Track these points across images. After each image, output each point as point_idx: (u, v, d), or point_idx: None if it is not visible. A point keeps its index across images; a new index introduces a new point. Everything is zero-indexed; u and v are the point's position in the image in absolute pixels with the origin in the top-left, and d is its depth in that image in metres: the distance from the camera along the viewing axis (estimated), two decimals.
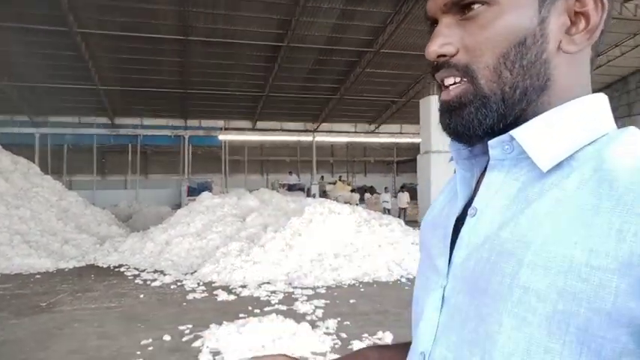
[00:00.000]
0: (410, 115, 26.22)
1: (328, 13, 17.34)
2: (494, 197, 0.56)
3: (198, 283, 7.67)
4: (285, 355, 0.74)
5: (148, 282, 7.89)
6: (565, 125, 0.53)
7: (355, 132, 28.40)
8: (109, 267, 9.28)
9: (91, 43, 17.76)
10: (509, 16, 0.53)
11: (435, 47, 0.56)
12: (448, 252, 0.59)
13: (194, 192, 22.09)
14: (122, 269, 8.99)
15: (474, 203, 0.58)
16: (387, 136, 28.22)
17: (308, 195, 20.66)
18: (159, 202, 21.84)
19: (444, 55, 0.56)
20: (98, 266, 9.38)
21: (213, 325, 5.33)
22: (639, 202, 0.43)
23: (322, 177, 26.10)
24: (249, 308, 6.18)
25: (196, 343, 4.83)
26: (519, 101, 0.55)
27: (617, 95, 23.33)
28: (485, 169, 0.63)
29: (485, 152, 0.64)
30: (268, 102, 23.83)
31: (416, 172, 17.85)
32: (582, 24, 0.55)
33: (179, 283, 7.74)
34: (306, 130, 27.43)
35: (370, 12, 17.38)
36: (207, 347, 4.69)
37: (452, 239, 0.60)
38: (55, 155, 22.86)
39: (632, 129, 0.52)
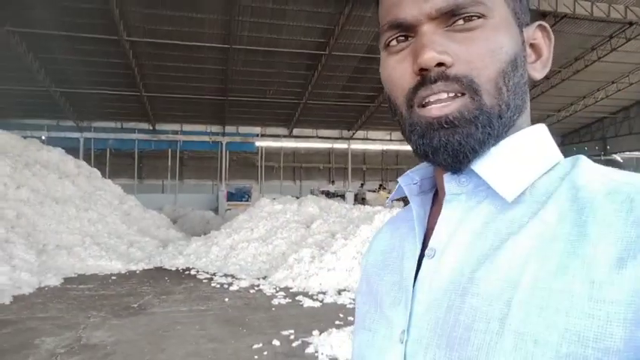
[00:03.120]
0: None
1: (371, 22, 17.44)
2: (456, 235, 0.52)
3: (276, 289, 7.73)
4: None
5: (225, 286, 7.99)
6: (522, 155, 0.52)
7: (390, 140, 28.38)
8: (177, 270, 9.41)
9: (137, 52, 18.18)
10: (505, 33, 0.52)
11: (435, 53, 0.49)
12: (409, 300, 0.52)
13: (233, 197, 22.35)
14: (192, 272, 9.11)
15: (431, 243, 0.53)
16: None
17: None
18: (195, 207, 22.11)
19: (442, 65, 0.50)
20: (166, 269, 9.52)
21: (315, 332, 5.38)
22: (630, 227, 0.41)
23: (362, 184, 26.14)
24: (341, 315, 6.22)
25: (309, 350, 4.88)
26: (510, 119, 0.52)
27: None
28: (433, 204, 0.61)
29: (433, 188, 0.62)
30: (306, 109, 23.99)
31: None
32: (536, 55, 0.57)
33: (256, 288, 7.82)
34: (341, 138, 27.53)
35: None
36: (323, 354, 4.74)
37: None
38: (97, 159, 23.38)
39: (583, 157, 0.52)
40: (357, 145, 27.98)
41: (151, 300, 7.08)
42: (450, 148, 0.50)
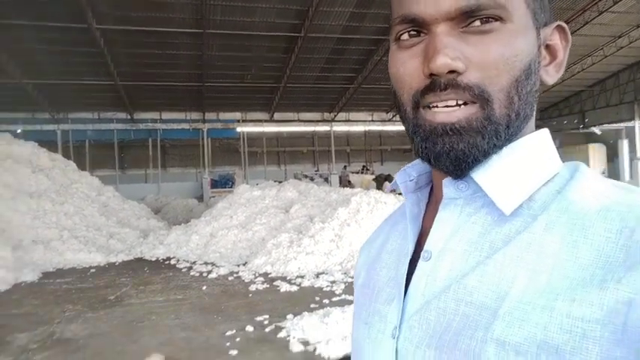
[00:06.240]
0: None
1: (345, 2, 17.26)
2: (452, 241, 0.52)
3: (255, 275, 7.77)
4: None
5: (204, 274, 8.01)
6: (522, 166, 0.51)
7: (372, 120, 28.38)
8: (157, 260, 9.41)
9: (109, 39, 17.80)
10: (522, 39, 0.49)
11: (448, 60, 0.47)
12: (402, 299, 0.53)
13: (217, 184, 22.27)
14: (172, 262, 9.12)
15: (427, 246, 0.53)
16: None
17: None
18: (180, 195, 22.00)
19: (454, 72, 0.48)
20: (146, 259, 9.51)
21: (290, 316, 5.43)
22: (618, 251, 0.42)
23: (345, 166, 26.18)
24: (317, 299, 6.28)
25: (281, 334, 4.93)
26: (517, 129, 0.51)
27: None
28: (429, 200, 0.61)
29: (430, 182, 0.62)
30: (285, 93, 23.82)
31: None
32: (550, 57, 0.54)
33: (235, 275, 7.85)
34: (323, 120, 27.45)
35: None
36: (294, 337, 4.79)
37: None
38: (76, 151, 23.03)
39: (582, 166, 0.52)
40: (339, 127, 27.94)
41: (128, 291, 7.07)
42: (453, 156, 0.49)
